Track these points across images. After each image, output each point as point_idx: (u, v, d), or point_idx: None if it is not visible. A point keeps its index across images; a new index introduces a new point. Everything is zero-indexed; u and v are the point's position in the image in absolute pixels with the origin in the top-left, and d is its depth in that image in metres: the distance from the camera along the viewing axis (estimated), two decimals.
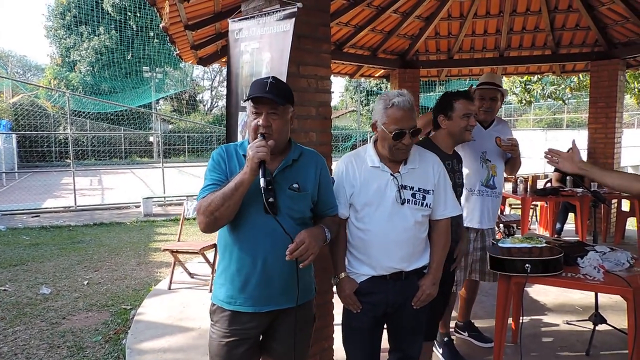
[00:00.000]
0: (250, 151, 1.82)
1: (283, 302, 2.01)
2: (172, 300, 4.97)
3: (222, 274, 2.02)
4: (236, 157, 2.01)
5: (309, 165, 2.08)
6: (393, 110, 2.19)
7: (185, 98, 37.33)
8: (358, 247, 2.30)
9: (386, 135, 2.20)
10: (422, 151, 2.39)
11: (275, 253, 1.92)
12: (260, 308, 1.98)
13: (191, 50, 5.44)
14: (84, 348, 3.97)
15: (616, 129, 7.29)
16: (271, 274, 1.95)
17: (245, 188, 1.83)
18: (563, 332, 3.96)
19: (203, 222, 1.88)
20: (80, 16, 31.48)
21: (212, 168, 1.98)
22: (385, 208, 2.22)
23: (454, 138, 2.80)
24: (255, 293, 1.96)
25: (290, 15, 2.67)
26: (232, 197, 1.81)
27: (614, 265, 2.87)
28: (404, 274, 2.27)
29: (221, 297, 2.01)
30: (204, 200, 1.86)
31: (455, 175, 2.77)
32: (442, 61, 7.86)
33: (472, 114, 2.74)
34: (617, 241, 6.97)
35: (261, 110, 1.92)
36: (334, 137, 5.06)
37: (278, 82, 1.99)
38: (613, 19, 6.49)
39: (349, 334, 2.37)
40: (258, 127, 1.91)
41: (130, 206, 12.21)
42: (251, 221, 1.94)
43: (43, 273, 6.19)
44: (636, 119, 25.32)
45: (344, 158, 2.38)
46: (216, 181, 1.93)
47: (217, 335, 2.02)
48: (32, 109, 24.33)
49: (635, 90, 12.49)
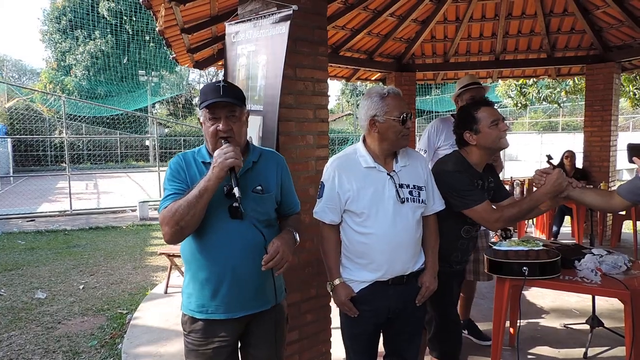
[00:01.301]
0: (218, 158, 1.77)
1: (256, 305, 1.99)
2: (169, 305, 4.94)
3: (190, 284, 1.98)
4: (195, 164, 1.95)
5: (269, 166, 2.06)
6: (391, 98, 2.18)
7: (182, 102, 37.27)
8: (358, 253, 2.23)
9: (391, 123, 2.16)
10: (407, 148, 2.34)
11: (245, 257, 1.90)
12: (234, 314, 1.95)
13: (187, 54, 5.43)
14: (79, 353, 3.94)
15: (612, 132, 7.31)
16: (242, 278, 1.92)
17: (209, 195, 1.78)
18: (560, 335, 3.96)
19: (168, 233, 1.82)
20: (75, 20, 31.42)
21: (171, 177, 1.91)
22: (387, 209, 2.17)
23: (489, 151, 2.55)
24: (227, 299, 1.92)
25: (285, 18, 2.67)
26: (197, 205, 1.76)
27: (611, 268, 2.87)
28: (405, 278, 2.25)
29: (191, 307, 1.97)
30: (166, 211, 1.81)
31: (485, 194, 2.56)
32: (438, 64, 7.87)
33: (499, 118, 2.49)
34: (613, 244, 6.98)
35: (219, 114, 1.88)
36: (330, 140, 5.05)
37: (230, 85, 1.96)
38: (608, 22, 6.52)
39: (352, 340, 2.33)
40: (217, 132, 1.88)
41: (126, 210, 12.16)
42: (217, 228, 1.89)
43: (38, 277, 6.15)
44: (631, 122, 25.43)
45: (332, 162, 2.29)
46: (177, 190, 1.87)
47: (193, 345, 1.98)
48: (27, 113, 24.21)
49: (630, 94, 12.54)
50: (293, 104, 2.95)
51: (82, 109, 24.27)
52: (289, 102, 2.92)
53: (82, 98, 26.86)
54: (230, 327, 1.97)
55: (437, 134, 3.78)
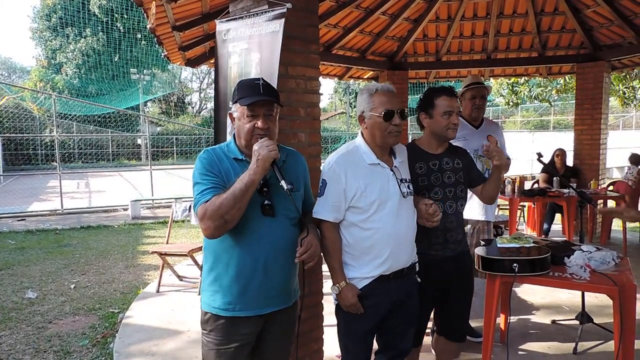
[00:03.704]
0: (261, 151, 1.79)
1: (280, 302, 2.02)
2: (161, 303, 4.93)
3: (216, 282, 1.96)
4: (227, 160, 1.95)
5: (296, 165, 2.10)
6: (378, 95, 2.20)
7: (174, 100, 37.14)
8: (364, 249, 2.21)
9: (376, 120, 2.18)
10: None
11: (275, 255, 1.93)
12: (260, 310, 1.97)
13: (179, 52, 5.40)
14: (70, 352, 3.92)
15: (602, 131, 7.37)
16: (271, 276, 1.95)
17: (254, 188, 1.81)
18: (550, 331, 3.99)
19: (212, 227, 1.81)
20: (66, 18, 31.18)
21: (204, 172, 1.90)
22: (393, 204, 2.22)
23: (436, 137, 2.59)
24: (256, 296, 1.94)
25: (279, 16, 2.68)
26: (243, 198, 1.78)
27: (600, 264, 2.89)
28: (405, 270, 2.30)
29: (216, 304, 1.96)
30: (209, 204, 1.80)
31: (444, 175, 2.56)
32: (431, 63, 7.90)
33: (454, 111, 2.51)
34: (603, 241, 7.05)
35: (258, 112, 1.90)
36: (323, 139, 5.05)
37: (267, 83, 1.98)
38: (598, 21, 6.58)
39: (347, 336, 2.32)
40: (255, 129, 1.90)
41: (118, 209, 12.10)
42: (250, 225, 1.91)
43: (29, 277, 6.11)
44: (621, 120, 25.65)
45: (336, 160, 2.24)
46: (215, 184, 1.86)
47: (213, 344, 1.97)
48: (17, 111, 23.99)
49: (620, 93, 12.66)
50: (285, 101, 2.93)
51: (73, 108, 24.11)
52: (281, 99, 2.90)
53: (73, 96, 26.68)
54: (252, 324, 1.98)
55: None
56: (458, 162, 2.63)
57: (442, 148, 2.63)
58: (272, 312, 2.00)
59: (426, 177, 2.54)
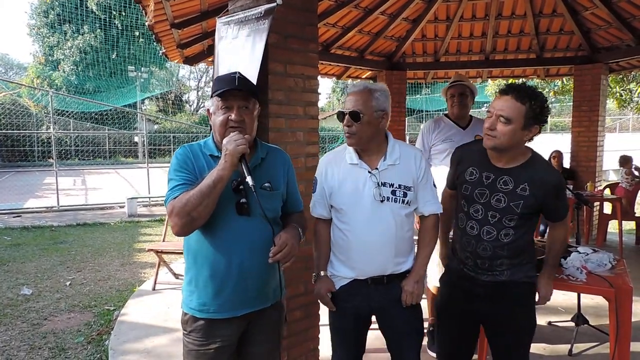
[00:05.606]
0: (229, 145, 1.73)
1: (258, 303, 1.96)
2: (157, 301, 4.92)
3: (192, 281, 1.93)
4: (202, 157, 1.91)
5: (276, 163, 2.03)
6: (348, 95, 2.19)
7: (171, 98, 37.05)
8: (340, 248, 2.22)
9: (338, 120, 2.20)
10: (404, 145, 2.27)
11: (251, 255, 1.86)
12: (235, 312, 1.91)
13: (177, 49, 5.39)
14: (65, 349, 3.90)
15: (599, 133, 7.40)
16: (247, 277, 1.88)
17: (223, 185, 1.74)
18: (546, 333, 3.99)
19: (178, 224, 1.76)
20: (64, 14, 31.03)
21: (178, 168, 1.86)
22: (364, 207, 2.13)
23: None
24: (231, 298, 1.88)
25: (268, 12, 2.65)
26: (211, 194, 1.72)
27: (597, 266, 2.90)
28: (386, 278, 2.18)
29: (192, 305, 1.92)
30: (177, 201, 1.75)
31: (494, 195, 2.17)
32: (429, 63, 7.91)
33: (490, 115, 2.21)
34: (599, 243, 7.06)
35: (231, 104, 1.84)
36: (321, 138, 5.05)
37: (244, 77, 1.93)
38: (596, 23, 6.59)
39: (333, 334, 2.33)
40: (228, 122, 1.84)
41: (114, 206, 12.06)
42: (224, 224, 1.85)
43: (24, 274, 6.08)
44: (618, 123, 25.74)
45: (324, 157, 2.34)
46: (186, 180, 1.82)
47: (193, 345, 1.92)
48: (14, 108, 23.89)
49: (617, 95, 12.69)
50: (283, 100, 2.94)
51: (70, 105, 24.03)
52: (279, 98, 2.91)
53: (70, 93, 26.59)
54: (232, 326, 1.92)
55: (430, 133, 3.81)
56: (526, 188, 2.11)
57: (509, 163, 2.16)
58: (252, 313, 1.94)
59: (471, 186, 2.22)
